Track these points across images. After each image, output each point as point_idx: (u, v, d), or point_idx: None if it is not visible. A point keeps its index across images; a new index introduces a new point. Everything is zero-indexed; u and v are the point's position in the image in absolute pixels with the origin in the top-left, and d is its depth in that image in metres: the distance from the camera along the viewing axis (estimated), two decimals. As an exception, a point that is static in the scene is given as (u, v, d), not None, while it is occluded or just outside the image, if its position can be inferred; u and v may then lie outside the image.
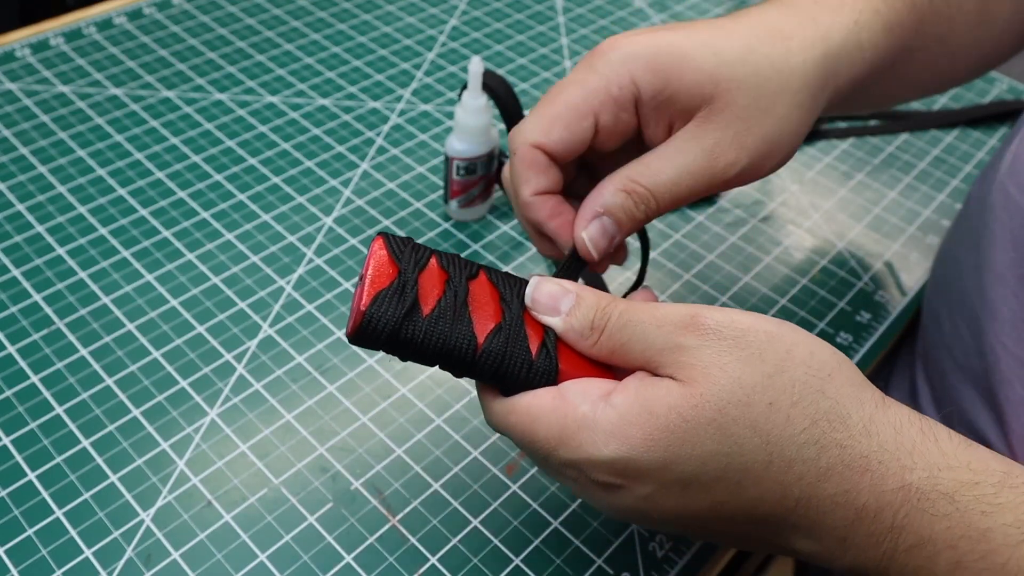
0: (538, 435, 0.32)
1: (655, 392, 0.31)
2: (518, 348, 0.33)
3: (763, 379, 0.30)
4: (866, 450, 0.30)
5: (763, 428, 0.30)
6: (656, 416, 0.30)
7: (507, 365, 0.33)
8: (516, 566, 0.42)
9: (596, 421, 0.31)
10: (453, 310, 0.33)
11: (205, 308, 0.52)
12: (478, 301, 0.34)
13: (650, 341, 0.32)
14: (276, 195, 0.60)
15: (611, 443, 0.31)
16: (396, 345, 0.32)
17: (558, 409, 0.32)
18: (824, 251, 0.60)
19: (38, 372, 0.48)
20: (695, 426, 0.30)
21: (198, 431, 0.46)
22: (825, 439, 0.30)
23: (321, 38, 0.75)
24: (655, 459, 0.30)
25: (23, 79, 0.68)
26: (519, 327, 0.34)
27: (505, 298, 0.34)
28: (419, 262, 0.33)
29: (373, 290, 0.32)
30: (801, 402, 0.30)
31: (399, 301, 0.32)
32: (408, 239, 0.34)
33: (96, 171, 0.61)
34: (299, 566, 0.41)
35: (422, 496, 0.44)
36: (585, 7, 0.82)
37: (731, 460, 0.30)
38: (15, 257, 0.54)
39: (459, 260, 0.35)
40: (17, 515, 0.42)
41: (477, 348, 0.33)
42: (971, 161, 0.68)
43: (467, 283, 0.34)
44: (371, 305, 0.32)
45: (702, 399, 0.30)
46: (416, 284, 0.33)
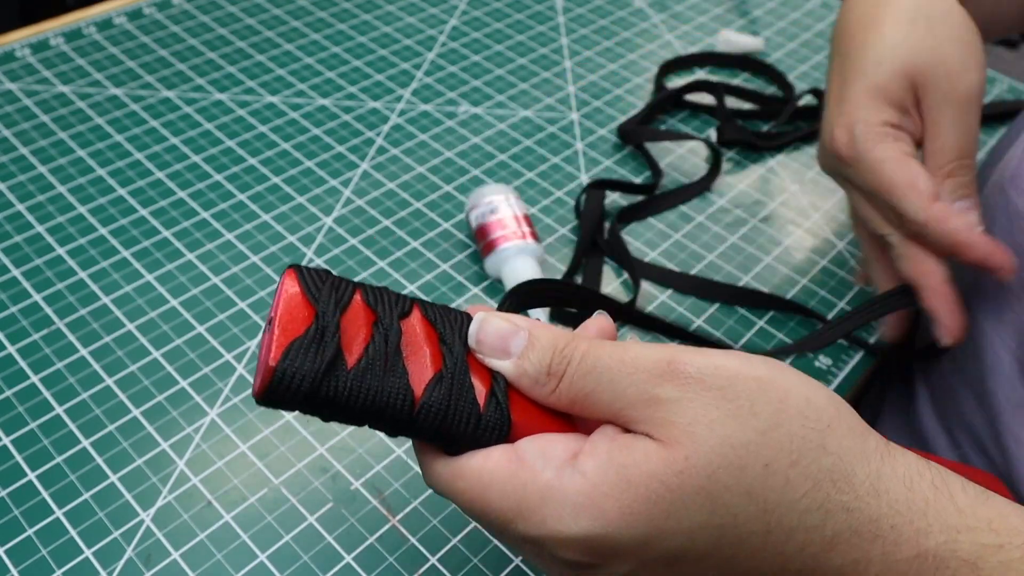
0: (491, 505, 0.28)
1: (631, 456, 0.27)
2: (463, 400, 0.28)
3: (757, 436, 0.26)
4: (875, 513, 0.26)
5: (760, 494, 0.26)
6: (634, 486, 0.26)
7: (451, 421, 0.28)
8: (516, 566, 0.42)
9: (563, 491, 0.27)
10: (384, 359, 0.28)
11: (205, 308, 0.52)
12: (413, 344, 0.29)
13: (619, 391, 0.28)
14: (276, 195, 0.60)
15: (581, 518, 0.26)
16: (316, 405, 0.27)
17: (516, 476, 0.27)
18: (824, 251, 0.60)
19: (38, 372, 0.48)
20: (681, 496, 0.26)
21: (198, 431, 0.46)
22: (830, 503, 0.26)
23: (321, 38, 0.75)
24: (635, 536, 0.26)
25: (23, 79, 0.68)
26: (463, 374, 0.28)
27: (445, 339, 0.29)
28: (340, 300, 0.28)
29: (285, 339, 0.26)
30: (801, 461, 0.26)
31: (317, 351, 0.26)
32: (325, 271, 0.29)
33: (96, 171, 0.61)
34: (299, 566, 0.41)
35: (422, 496, 0.44)
36: (585, 7, 0.82)
37: (724, 532, 0.26)
38: (15, 257, 0.54)
39: (388, 295, 0.30)
40: (17, 515, 0.42)
41: (415, 403, 0.28)
42: (971, 161, 0.68)
43: (399, 323, 0.29)
44: (283, 358, 0.26)
45: (687, 464, 0.26)
46: (338, 329, 0.27)
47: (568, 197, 0.62)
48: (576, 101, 0.71)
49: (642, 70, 0.74)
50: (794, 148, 0.68)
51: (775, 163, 0.67)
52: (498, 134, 0.67)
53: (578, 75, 0.73)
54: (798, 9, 0.83)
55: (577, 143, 0.67)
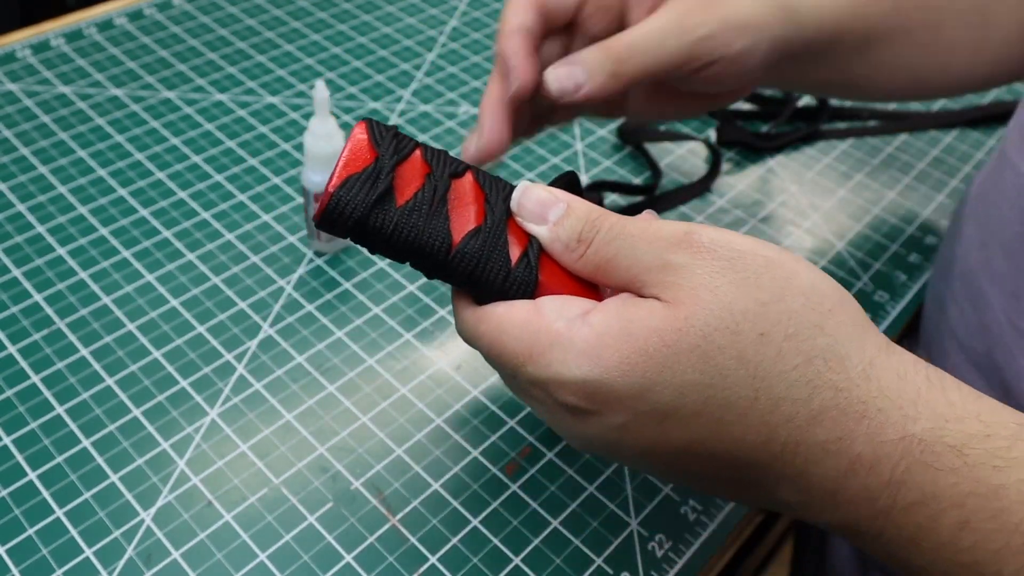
0: (506, 347, 0.30)
1: (636, 312, 0.28)
2: (496, 254, 0.31)
3: (756, 307, 0.28)
4: (864, 395, 0.27)
5: (752, 360, 0.27)
6: (635, 338, 0.28)
7: (482, 270, 0.31)
8: (516, 566, 0.42)
9: (570, 339, 0.29)
10: (430, 204, 0.31)
11: (205, 308, 0.52)
12: (460, 200, 0.32)
13: (638, 257, 0.29)
14: (276, 195, 0.60)
15: (583, 363, 0.28)
16: (364, 234, 0.31)
17: (531, 323, 0.30)
18: (824, 251, 0.60)
19: (39, 372, 0.48)
20: (676, 352, 0.27)
21: (198, 431, 0.46)
22: (819, 379, 0.27)
23: (321, 39, 0.75)
24: (630, 385, 0.28)
25: (24, 80, 0.68)
26: (500, 232, 0.31)
27: (489, 200, 0.32)
28: (400, 151, 0.32)
29: (345, 172, 0.30)
30: (796, 336, 0.27)
31: (371, 187, 0.30)
32: (393, 127, 0.32)
33: (97, 171, 0.61)
34: (299, 566, 0.41)
35: (422, 496, 0.44)
36: (585, 8, 0.82)
37: (713, 392, 0.28)
38: (16, 257, 0.54)
39: (446, 156, 0.33)
40: (18, 515, 0.42)
41: (451, 247, 0.31)
42: (970, 161, 0.68)
43: (449, 179, 0.32)
44: (340, 187, 0.30)
45: (686, 323, 0.28)
46: (392, 172, 0.31)
47: (568, 197, 0.62)
48: (576, 102, 0.71)
49: (642, 71, 0.75)
50: (794, 148, 0.68)
51: (774, 163, 0.67)
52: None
53: (578, 76, 0.73)
54: (798, 10, 0.83)
55: (577, 143, 0.67)
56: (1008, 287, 0.44)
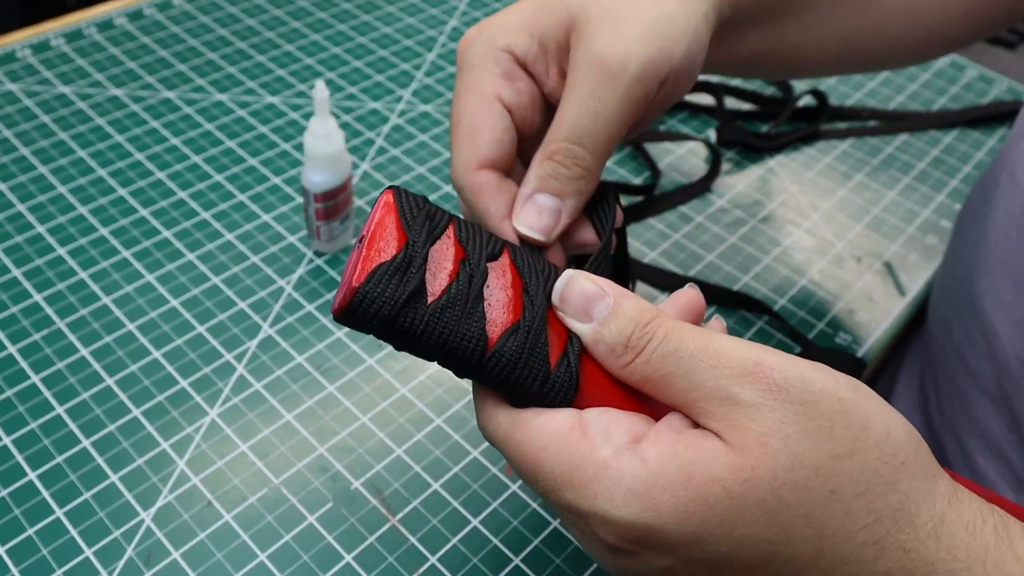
0: (543, 466, 0.27)
1: (697, 454, 0.26)
2: (535, 355, 0.27)
3: (829, 460, 0.25)
4: (933, 556, 0.26)
5: (819, 519, 0.25)
6: (695, 485, 0.25)
7: (519, 374, 0.27)
8: (516, 566, 0.42)
9: (620, 473, 0.26)
10: (465, 300, 0.27)
11: (205, 308, 0.52)
12: (496, 288, 0.28)
13: (698, 381, 0.27)
14: (276, 195, 0.60)
15: (633, 504, 0.26)
16: (390, 333, 0.27)
17: (575, 444, 0.27)
18: (823, 251, 0.60)
19: (39, 372, 0.48)
20: (741, 505, 0.25)
21: (198, 431, 0.46)
22: (887, 539, 0.26)
23: (321, 39, 0.75)
24: (683, 534, 0.25)
25: (24, 80, 0.68)
26: (540, 329, 0.28)
27: (528, 290, 0.28)
28: (433, 231, 0.28)
29: (371, 263, 0.27)
30: (867, 494, 0.26)
31: (401, 280, 0.26)
32: (424, 198, 0.29)
33: (97, 171, 0.61)
34: (299, 566, 0.41)
35: (422, 496, 0.44)
36: (585, 8, 0.82)
37: (775, 549, 0.26)
38: (16, 257, 0.54)
39: (481, 233, 0.29)
40: (18, 515, 0.42)
41: (487, 348, 0.27)
42: (970, 161, 0.68)
43: (486, 266, 0.28)
44: (367, 281, 0.26)
45: (753, 474, 0.25)
46: (425, 261, 0.27)
47: (568, 197, 0.62)
48: (576, 102, 0.71)
49: (642, 71, 0.74)
50: (793, 149, 0.68)
51: (774, 163, 0.67)
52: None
53: (578, 76, 0.73)
54: (798, 10, 0.83)
55: (577, 144, 0.67)
56: (1015, 317, 0.43)
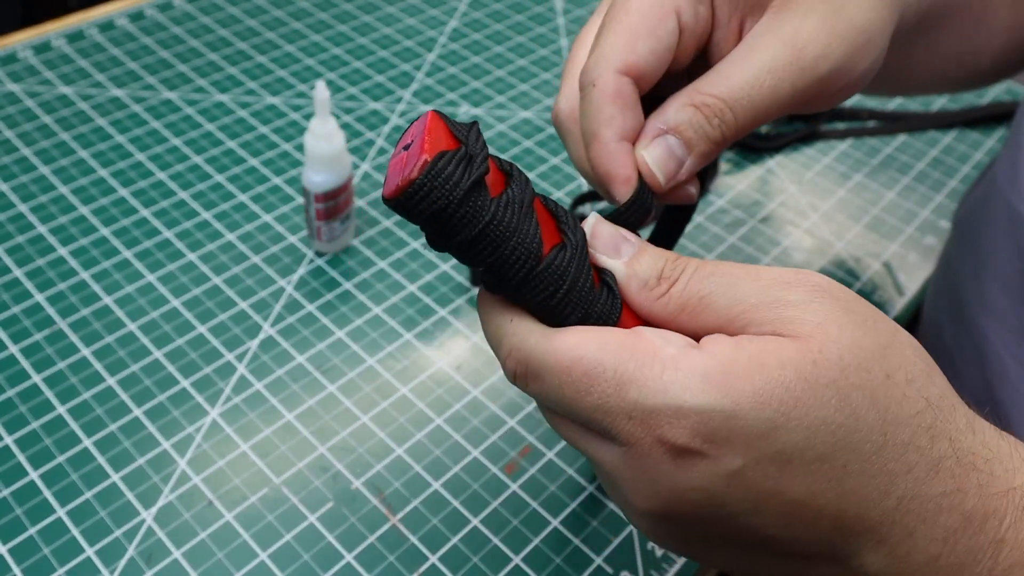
0: (603, 366, 0.25)
1: (764, 346, 0.25)
2: (582, 272, 0.27)
3: (879, 348, 0.26)
4: (973, 445, 0.26)
5: (882, 402, 0.25)
6: (768, 368, 0.25)
7: (568, 289, 0.27)
8: (516, 565, 0.42)
9: (691, 364, 0.25)
10: (521, 204, 0.26)
11: (206, 308, 0.53)
12: (538, 216, 0.27)
13: (741, 295, 0.26)
14: (277, 195, 0.60)
15: (711, 391, 0.24)
16: (448, 222, 0.25)
17: (634, 344, 0.26)
18: (823, 251, 0.60)
19: (40, 372, 0.48)
20: (814, 386, 0.25)
21: (199, 431, 0.46)
22: (937, 428, 0.26)
23: (322, 39, 0.75)
24: (762, 420, 0.24)
25: (25, 80, 0.68)
26: (583, 252, 0.27)
27: (565, 224, 0.28)
28: (483, 148, 0.27)
29: (435, 148, 0.25)
30: (916, 381, 0.26)
31: (467, 168, 0.25)
32: (473, 123, 0.28)
33: (98, 172, 0.61)
34: (299, 565, 0.41)
35: (422, 495, 0.44)
36: (585, 8, 0.82)
37: (845, 434, 0.25)
38: (17, 257, 0.55)
39: (517, 169, 0.28)
40: (19, 514, 0.42)
41: (542, 258, 0.26)
42: (969, 162, 0.68)
43: (531, 190, 0.27)
44: (435, 161, 0.25)
45: (821, 356, 0.25)
46: (486, 160, 0.26)
47: (568, 198, 0.62)
48: (576, 102, 0.71)
49: (642, 71, 0.75)
50: (793, 149, 0.68)
51: (774, 164, 0.67)
52: (498, 135, 0.67)
53: (578, 76, 0.74)
54: (797, 10, 0.83)
55: (577, 144, 0.67)
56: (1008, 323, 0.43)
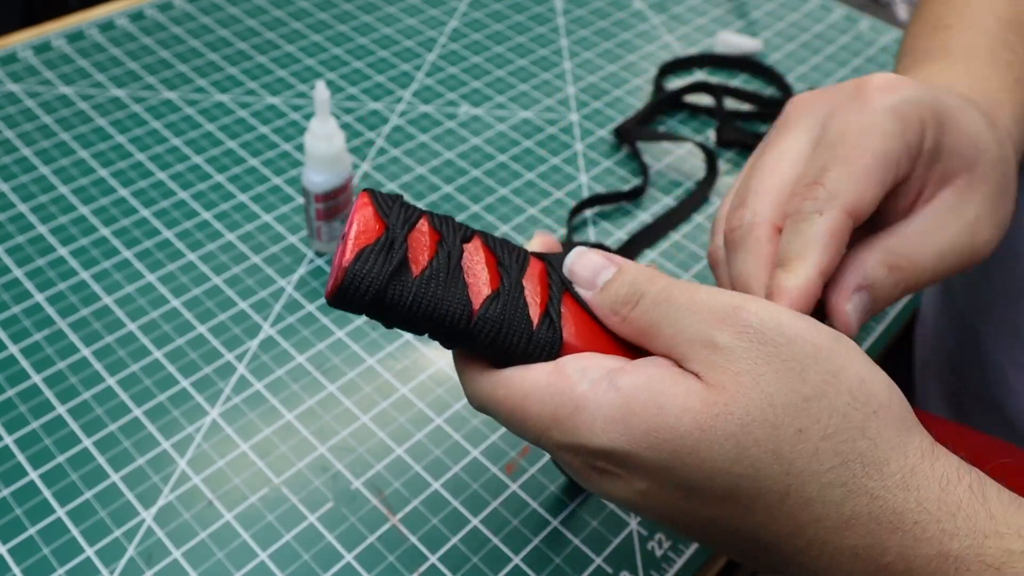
0: (529, 413, 0.29)
1: (672, 387, 0.27)
2: (517, 316, 0.30)
3: (798, 401, 0.27)
4: (901, 505, 0.26)
5: (787, 457, 0.27)
6: (665, 413, 0.27)
7: (505, 334, 0.30)
8: (516, 565, 0.42)
9: (596, 403, 0.28)
10: (447, 271, 0.30)
11: (206, 308, 0.53)
12: (473, 265, 0.31)
13: (681, 327, 0.28)
14: (277, 195, 0.60)
15: (609, 431, 0.28)
16: (382, 308, 0.29)
17: (553, 385, 0.29)
18: (823, 252, 0.60)
19: (40, 372, 0.48)
20: (710, 437, 0.27)
21: (199, 431, 0.46)
22: (855, 483, 0.26)
23: (322, 40, 0.75)
24: (655, 459, 0.27)
25: (25, 80, 0.68)
26: (518, 295, 0.31)
27: (503, 263, 0.31)
28: (409, 220, 0.31)
29: (357, 246, 0.29)
30: (835, 436, 0.26)
31: (386, 258, 0.29)
32: (397, 196, 0.31)
33: (98, 172, 0.61)
34: (299, 565, 0.41)
35: (422, 495, 0.44)
36: (584, 9, 0.82)
37: (743, 483, 0.27)
38: (18, 257, 0.55)
39: (452, 222, 0.32)
40: (19, 514, 0.42)
41: (472, 315, 0.30)
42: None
43: (461, 245, 0.31)
44: (355, 261, 0.29)
45: (725, 409, 0.27)
46: (405, 242, 0.30)
47: (569, 198, 0.62)
48: (576, 102, 0.71)
49: (641, 71, 0.75)
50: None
51: (774, 164, 0.67)
52: (498, 135, 0.67)
53: (578, 76, 0.74)
54: (797, 11, 0.83)
55: (577, 144, 0.67)
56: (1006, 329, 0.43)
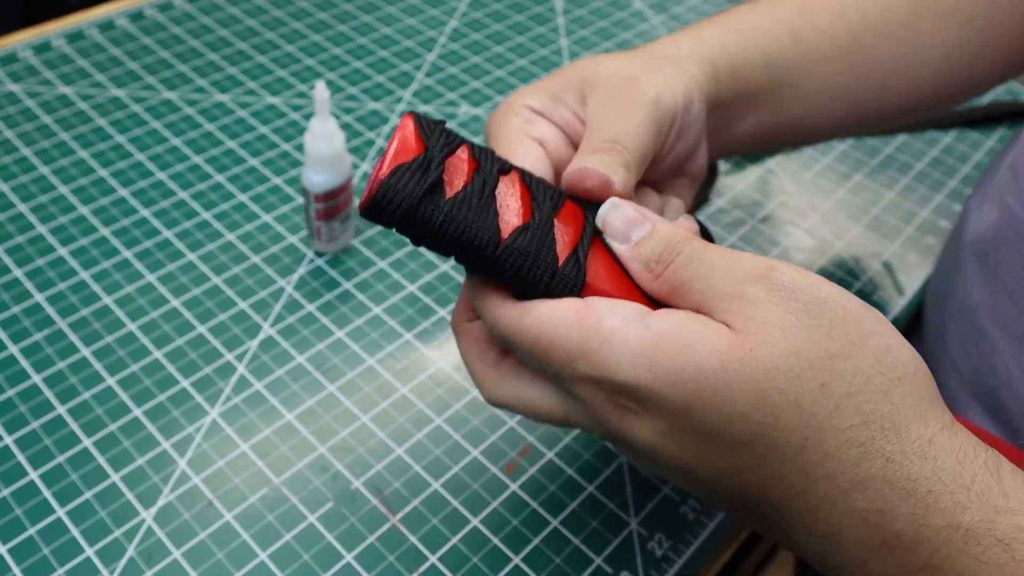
0: (556, 343, 0.29)
1: (702, 329, 0.28)
2: (544, 252, 0.31)
3: (824, 356, 0.27)
4: (916, 472, 0.26)
5: (807, 409, 0.27)
6: (692, 351, 0.27)
7: (529, 267, 0.31)
8: (516, 565, 0.42)
9: (624, 338, 0.28)
10: (479, 198, 0.31)
11: (206, 308, 0.53)
12: (507, 196, 0.32)
13: (713, 283, 0.29)
14: (277, 195, 0.60)
15: (637, 366, 0.28)
16: (411, 225, 0.30)
17: (583, 320, 0.29)
18: (823, 251, 0.60)
19: (40, 372, 0.48)
20: (733, 379, 0.27)
21: (199, 431, 0.46)
22: (872, 445, 0.26)
23: (322, 39, 0.75)
24: (677, 399, 0.27)
25: (25, 80, 0.68)
26: (548, 230, 0.31)
27: (537, 198, 0.32)
28: (449, 145, 0.32)
29: (395, 161, 0.30)
30: (857, 395, 0.27)
31: (421, 177, 0.30)
32: (440, 121, 0.32)
33: (98, 172, 0.61)
34: (299, 565, 0.41)
35: (422, 495, 0.44)
36: (585, 8, 0.82)
37: (761, 430, 0.27)
38: (18, 257, 0.55)
39: (493, 154, 0.33)
40: (19, 514, 0.42)
41: (500, 243, 0.31)
42: (969, 162, 0.68)
43: (498, 175, 0.32)
44: (391, 176, 0.30)
45: (751, 354, 0.27)
46: (442, 164, 0.31)
47: (568, 198, 0.62)
48: (576, 102, 0.71)
49: (642, 71, 0.75)
50: (792, 149, 0.68)
51: (774, 164, 0.67)
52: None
53: (578, 76, 0.74)
54: (797, 10, 0.83)
55: (577, 144, 0.67)
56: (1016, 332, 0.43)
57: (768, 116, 0.44)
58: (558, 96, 0.38)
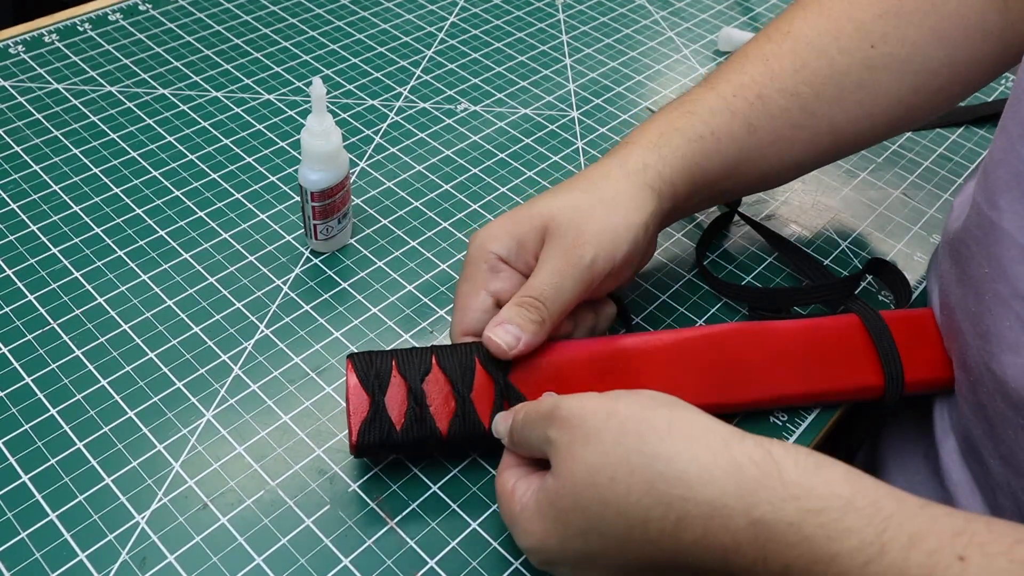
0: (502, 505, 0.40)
1: (540, 486, 0.37)
2: (472, 425, 0.43)
3: (602, 457, 0.34)
4: (709, 496, 0.32)
5: (612, 502, 0.34)
6: (541, 509, 0.36)
7: (470, 439, 0.43)
8: (515, 569, 0.42)
9: (516, 519, 0.38)
10: (419, 420, 0.42)
11: (201, 308, 0.52)
12: (436, 396, 0.43)
13: (535, 437, 0.38)
14: (273, 193, 0.59)
15: (525, 539, 0.38)
16: (390, 451, 0.44)
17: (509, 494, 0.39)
18: (827, 250, 0.60)
19: (32, 373, 0.48)
20: (564, 512, 0.35)
21: (194, 433, 0.46)
22: (668, 497, 0.33)
23: (318, 35, 0.74)
24: (552, 544, 0.36)
25: (17, 76, 0.67)
26: (472, 412, 0.43)
27: (457, 388, 0.43)
28: (382, 382, 0.43)
29: (356, 423, 0.42)
30: (637, 470, 0.34)
31: (378, 428, 0.42)
32: (375, 356, 0.43)
33: (91, 169, 0.60)
34: (296, 569, 0.41)
35: (420, 498, 0.44)
36: (585, 3, 0.81)
37: (603, 533, 0.34)
38: (8, 257, 0.54)
39: (414, 359, 0.44)
40: (10, 518, 0.42)
41: (443, 438, 0.43)
42: (975, 160, 0.68)
43: (422, 387, 0.43)
44: (359, 437, 0.42)
45: (563, 488, 0.35)
46: (385, 408, 0.42)
47: (568, 195, 0.61)
48: (576, 99, 0.70)
49: (643, 67, 0.74)
50: (795, 146, 0.68)
51: (776, 161, 0.66)
52: (497, 132, 0.66)
53: (578, 72, 0.73)
54: (799, 6, 0.83)
55: (577, 141, 0.66)
56: (980, 329, 0.43)
57: (719, 196, 0.52)
58: (523, 243, 0.46)
